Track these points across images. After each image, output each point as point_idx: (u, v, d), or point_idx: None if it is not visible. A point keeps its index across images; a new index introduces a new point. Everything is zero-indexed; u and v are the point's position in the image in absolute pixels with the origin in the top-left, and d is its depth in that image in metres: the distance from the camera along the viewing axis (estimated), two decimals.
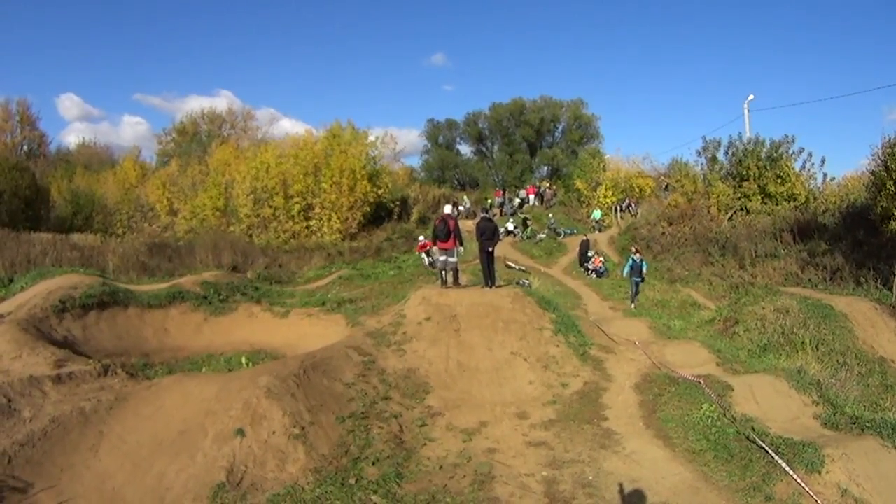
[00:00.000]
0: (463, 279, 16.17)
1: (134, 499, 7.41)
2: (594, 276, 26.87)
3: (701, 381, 10.43)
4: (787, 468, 7.53)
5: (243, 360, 14.12)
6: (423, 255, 25.38)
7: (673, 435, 9.02)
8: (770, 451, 7.91)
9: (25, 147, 54.76)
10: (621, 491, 7.49)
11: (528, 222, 36.44)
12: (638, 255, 20.87)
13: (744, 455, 8.19)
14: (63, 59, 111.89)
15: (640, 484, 7.62)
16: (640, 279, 20.71)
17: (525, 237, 34.62)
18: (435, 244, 14.98)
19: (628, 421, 9.64)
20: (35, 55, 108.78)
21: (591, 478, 7.88)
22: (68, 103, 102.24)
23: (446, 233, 14.54)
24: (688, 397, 10.02)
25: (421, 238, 27.06)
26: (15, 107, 54.13)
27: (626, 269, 20.82)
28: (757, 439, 8.31)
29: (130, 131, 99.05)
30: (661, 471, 8.02)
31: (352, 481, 7.68)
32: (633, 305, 20.44)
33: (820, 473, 7.52)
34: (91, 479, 7.72)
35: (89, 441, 8.37)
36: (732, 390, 10.16)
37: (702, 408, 9.49)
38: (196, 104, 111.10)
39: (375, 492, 7.50)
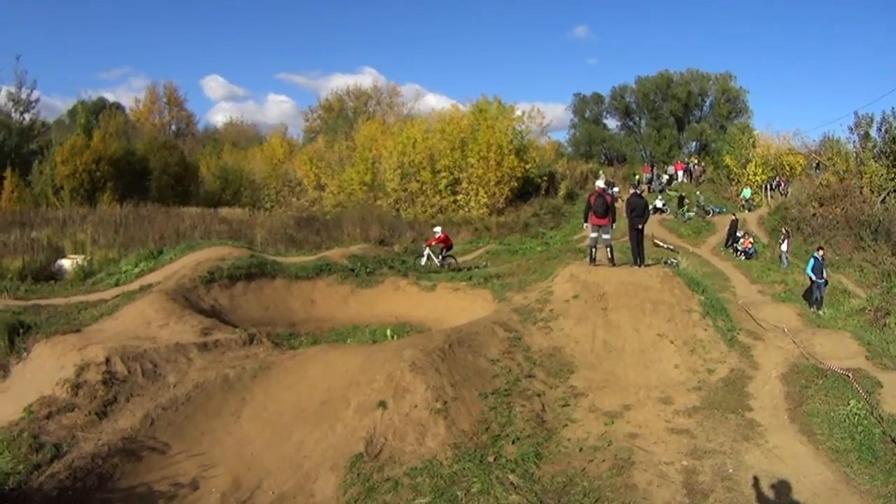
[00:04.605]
0: None
1: (272, 465, 7.79)
2: (743, 257, 26.16)
3: (850, 374, 9.94)
4: None
5: (388, 332, 14.29)
6: (428, 249, 21.76)
7: (818, 431, 8.73)
8: None
9: (174, 127, 60.09)
10: (759, 486, 7.39)
11: (685, 200, 35.39)
12: (821, 252, 19.27)
13: (888, 458, 7.89)
14: (207, 42, 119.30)
15: (780, 481, 7.50)
16: (823, 281, 18.81)
17: (680, 215, 33.75)
18: (586, 220, 14.58)
19: (773, 413, 9.39)
20: (180, 39, 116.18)
21: (731, 470, 7.78)
22: (213, 84, 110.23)
23: (605, 208, 14.08)
24: (835, 391, 9.61)
25: (437, 230, 22.49)
26: (162, 89, 59.53)
27: (809, 270, 19.03)
28: None
29: (276, 109, 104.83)
30: (802, 469, 7.84)
31: (490, 459, 7.74)
32: (820, 312, 18.01)
33: None
34: (231, 444, 8.17)
35: (231, 407, 8.85)
36: (881, 387, 9.58)
37: (849, 404, 9.12)
38: (340, 82, 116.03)
39: (513, 471, 7.55)
